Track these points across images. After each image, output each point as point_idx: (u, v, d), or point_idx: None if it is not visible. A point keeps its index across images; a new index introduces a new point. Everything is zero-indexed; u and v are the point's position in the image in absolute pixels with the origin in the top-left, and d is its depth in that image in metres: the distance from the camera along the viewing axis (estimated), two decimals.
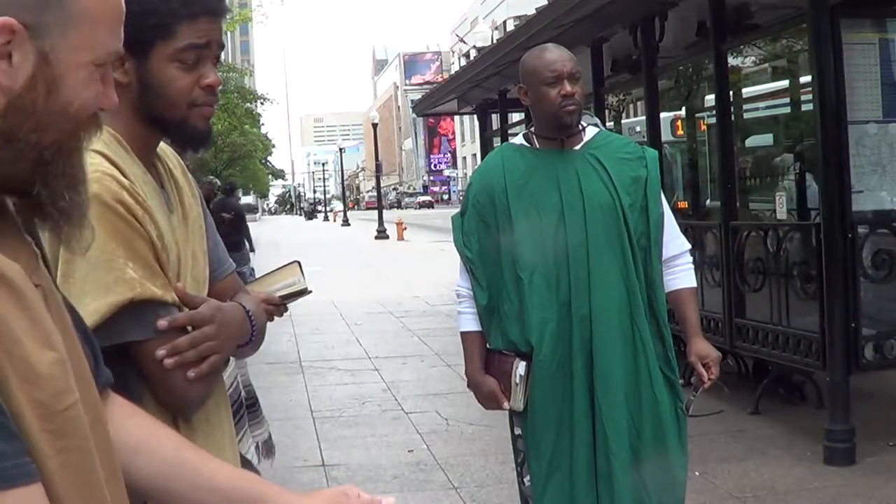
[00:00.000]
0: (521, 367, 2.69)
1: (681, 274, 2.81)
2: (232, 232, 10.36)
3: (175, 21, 1.44)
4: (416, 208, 74.49)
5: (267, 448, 2.84)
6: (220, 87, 1.56)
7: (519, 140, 2.85)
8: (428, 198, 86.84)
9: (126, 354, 1.39)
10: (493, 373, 2.76)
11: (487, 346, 2.79)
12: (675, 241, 2.80)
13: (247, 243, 11.37)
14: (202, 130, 1.51)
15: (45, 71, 0.81)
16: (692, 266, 2.85)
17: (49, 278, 0.91)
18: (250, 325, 1.55)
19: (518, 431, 2.82)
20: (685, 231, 7.24)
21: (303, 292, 2.12)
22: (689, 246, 2.87)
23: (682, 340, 2.84)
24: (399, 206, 78.78)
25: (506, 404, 2.74)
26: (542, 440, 2.71)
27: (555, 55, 2.70)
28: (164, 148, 1.60)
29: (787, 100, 7.77)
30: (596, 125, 2.94)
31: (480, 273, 2.75)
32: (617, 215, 2.66)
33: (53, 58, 0.81)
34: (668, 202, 2.91)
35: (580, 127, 2.76)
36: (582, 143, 2.75)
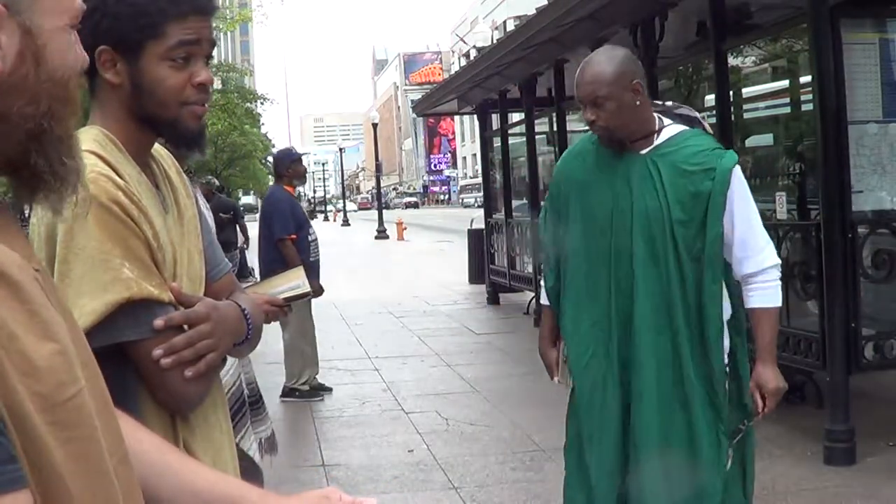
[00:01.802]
0: (564, 349, 2.83)
1: (754, 293, 2.66)
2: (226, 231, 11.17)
3: (164, 19, 1.44)
4: (402, 208, 74.94)
5: (270, 445, 2.85)
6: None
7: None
8: (413, 199, 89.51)
9: (123, 354, 1.40)
10: (558, 347, 2.91)
11: None
12: (756, 257, 2.63)
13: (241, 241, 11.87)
14: (194, 129, 1.51)
15: (30, 44, 0.81)
16: (772, 284, 2.66)
17: (43, 263, 0.91)
18: (246, 322, 1.56)
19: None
20: None
21: (305, 295, 2.19)
22: (770, 262, 2.65)
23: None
24: (387, 207, 79.49)
25: (556, 378, 2.90)
26: (570, 431, 2.83)
27: (583, 77, 2.61)
28: (158, 149, 1.60)
29: (787, 100, 7.76)
30: (692, 120, 2.77)
31: (552, 256, 2.85)
32: (663, 228, 2.58)
33: (35, 29, 0.82)
34: None
35: (655, 127, 2.66)
36: (650, 148, 2.65)
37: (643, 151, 2.64)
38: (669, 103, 2.87)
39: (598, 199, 2.68)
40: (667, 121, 2.71)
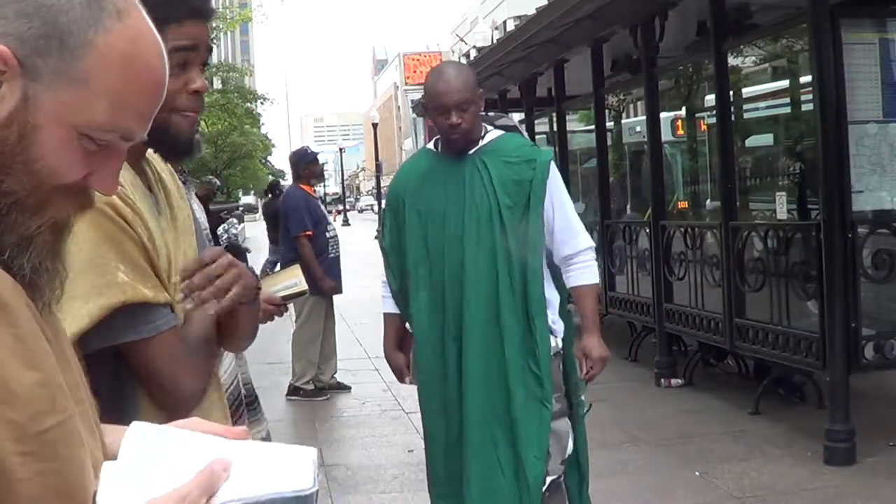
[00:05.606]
0: (414, 349, 3.09)
1: (577, 271, 2.95)
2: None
3: (158, 25, 1.43)
4: (358, 211, 75.96)
5: None
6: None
7: (431, 145, 3.10)
8: (371, 202, 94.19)
9: (119, 355, 1.40)
10: (406, 351, 3.15)
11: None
12: (572, 241, 2.93)
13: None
14: (186, 135, 1.48)
15: (22, 114, 0.77)
16: (591, 263, 2.96)
17: None
18: (254, 276, 1.56)
19: None
20: (685, 231, 7.20)
21: (302, 293, 2.21)
22: (588, 244, 2.97)
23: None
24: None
25: (407, 379, 3.15)
26: (424, 415, 3.08)
27: (442, 87, 2.85)
28: (150, 152, 1.60)
29: (787, 100, 7.77)
30: (505, 127, 3.08)
31: (393, 262, 3.12)
32: (491, 214, 2.85)
33: (32, 105, 0.78)
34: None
35: (481, 133, 2.94)
36: (476, 149, 2.92)
37: (471, 153, 2.92)
38: (492, 114, 3.18)
39: (432, 198, 2.95)
40: (489, 128, 3.02)
